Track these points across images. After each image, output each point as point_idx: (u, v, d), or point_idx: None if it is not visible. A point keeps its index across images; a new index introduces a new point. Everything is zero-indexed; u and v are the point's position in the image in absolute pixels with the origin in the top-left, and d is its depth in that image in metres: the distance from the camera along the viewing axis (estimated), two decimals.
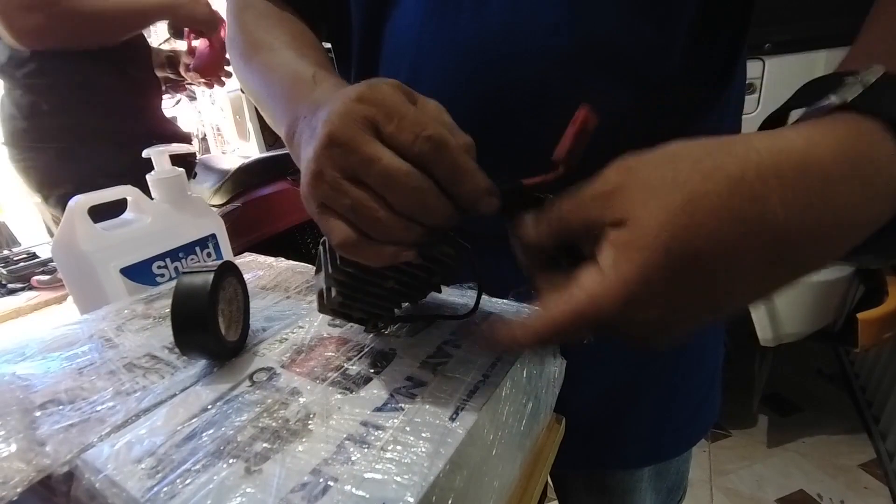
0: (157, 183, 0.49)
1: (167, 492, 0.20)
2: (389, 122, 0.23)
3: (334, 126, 0.23)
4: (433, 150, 0.22)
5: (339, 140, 0.23)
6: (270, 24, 0.40)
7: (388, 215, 0.23)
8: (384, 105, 0.23)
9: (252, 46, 0.39)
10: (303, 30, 0.41)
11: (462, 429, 0.23)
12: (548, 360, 0.34)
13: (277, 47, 0.37)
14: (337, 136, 0.23)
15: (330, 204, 0.24)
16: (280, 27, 0.40)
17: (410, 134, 0.22)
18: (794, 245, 0.19)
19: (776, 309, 1.26)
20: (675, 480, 0.54)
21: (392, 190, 0.23)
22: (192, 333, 0.28)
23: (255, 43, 0.39)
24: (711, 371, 0.51)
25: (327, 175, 0.23)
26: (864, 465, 1.40)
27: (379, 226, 0.23)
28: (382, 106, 0.23)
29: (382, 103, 0.23)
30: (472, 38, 0.35)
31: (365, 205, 0.23)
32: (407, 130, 0.22)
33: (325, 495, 0.20)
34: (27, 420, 0.26)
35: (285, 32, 0.39)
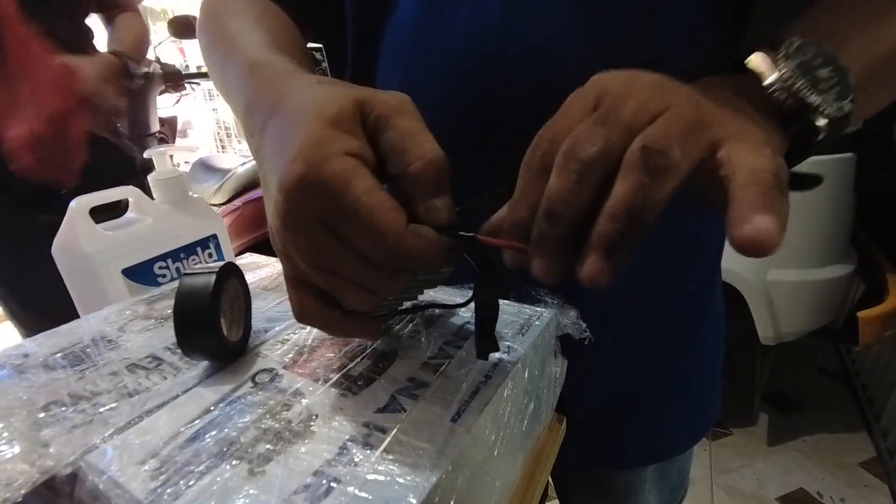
0: (158, 183, 0.49)
1: (171, 493, 0.21)
2: (336, 218, 0.21)
3: (283, 221, 0.22)
4: (382, 253, 0.21)
5: (293, 235, 0.22)
6: (236, 10, 0.38)
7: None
8: (318, 190, 0.20)
9: (214, 37, 0.37)
10: (272, 16, 0.39)
11: (464, 429, 0.23)
12: (549, 359, 0.34)
13: (235, 35, 0.35)
14: (283, 235, 0.22)
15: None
16: (247, 13, 0.38)
17: (363, 234, 0.21)
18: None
19: (777, 307, 1.26)
20: (678, 479, 0.54)
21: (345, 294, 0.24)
22: (195, 335, 0.28)
23: (218, 33, 0.37)
24: (712, 369, 0.51)
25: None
26: (864, 463, 1.40)
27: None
28: (319, 194, 0.20)
29: (315, 188, 0.20)
30: (469, 35, 0.35)
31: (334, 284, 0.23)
32: (360, 230, 0.21)
33: (328, 497, 0.20)
34: (30, 422, 0.26)
35: (250, 17, 0.37)
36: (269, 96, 0.26)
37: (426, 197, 0.22)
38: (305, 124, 0.22)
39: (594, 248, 0.19)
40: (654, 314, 0.44)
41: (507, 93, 0.35)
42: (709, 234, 0.44)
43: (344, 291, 0.24)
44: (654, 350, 0.45)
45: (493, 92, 0.35)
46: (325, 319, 0.26)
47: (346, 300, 0.25)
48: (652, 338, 0.44)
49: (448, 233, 0.22)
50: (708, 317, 0.48)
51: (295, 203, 0.21)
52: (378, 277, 0.22)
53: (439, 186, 0.22)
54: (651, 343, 0.45)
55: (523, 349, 0.30)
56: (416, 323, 0.34)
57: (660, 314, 0.44)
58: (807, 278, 1.24)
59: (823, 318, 1.31)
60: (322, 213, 0.21)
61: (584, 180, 0.19)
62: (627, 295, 0.41)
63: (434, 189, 0.22)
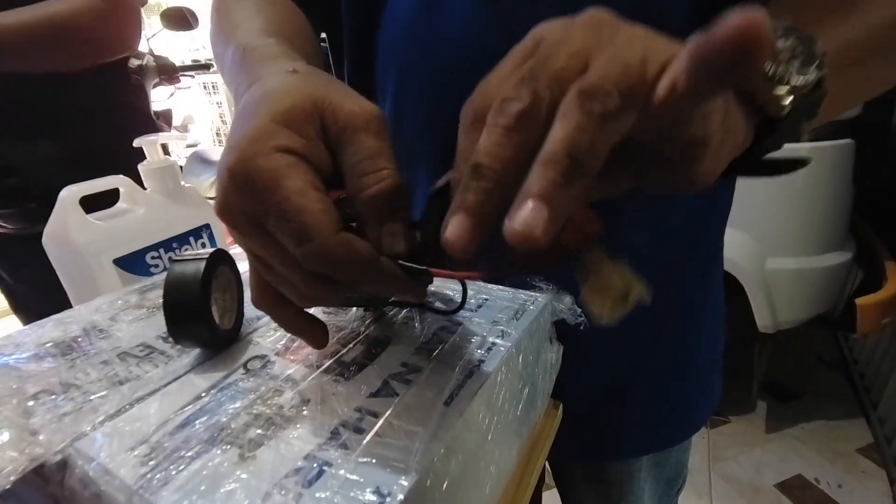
0: (149, 173, 0.49)
1: (160, 478, 0.20)
2: (266, 218, 0.20)
3: (221, 212, 0.22)
4: (313, 261, 0.20)
5: (226, 224, 0.22)
6: (246, 5, 0.38)
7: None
8: (249, 190, 0.20)
9: (221, 29, 0.37)
10: (279, 5, 0.39)
11: (457, 413, 0.23)
12: (545, 345, 0.34)
13: (238, 24, 0.35)
14: (224, 221, 0.22)
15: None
16: (255, 5, 0.37)
17: (290, 240, 0.20)
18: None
19: (775, 295, 1.27)
20: (675, 470, 0.54)
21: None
22: (185, 322, 0.28)
23: (224, 26, 0.36)
24: (710, 362, 0.50)
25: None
26: (861, 449, 1.41)
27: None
28: (249, 193, 0.20)
29: (247, 186, 0.20)
30: (464, 27, 0.35)
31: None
32: (286, 236, 0.20)
33: (319, 480, 0.20)
34: (20, 410, 0.26)
35: (255, 5, 0.37)
36: (247, 81, 0.26)
37: (380, 223, 0.21)
38: (255, 115, 0.21)
39: (528, 193, 0.16)
40: (654, 298, 0.43)
41: None
42: (709, 219, 0.44)
43: (278, 284, 0.23)
44: (652, 338, 0.45)
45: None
46: (276, 313, 0.25)
47: (283, 292, 0.24)
48: (649, 326, 0.44)
49: (399, 264, 0.21)
50: (707, 306, 0.48)
51: (227, 194, 0.21)
52: (305, 281, 0.22)
53: (394, 213, 0.21)
54: (648, 331, 0.44)
55: (518, 334, 0.30)
56: (409, 309, 0.33)
57: (658, 301, 0.44)
58: (805, 266, 1.24)
59: (821, 306, 1.31)
60: (250, 207, 0.20)
61: (513, 135, 0.18)
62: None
63: (388, 215, 0.21)
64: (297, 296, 0.23)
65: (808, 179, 1.18)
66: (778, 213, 1.22)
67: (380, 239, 0.21)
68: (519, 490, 0.31)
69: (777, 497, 1.29)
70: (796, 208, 1.21)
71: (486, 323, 0.31)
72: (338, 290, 0.23)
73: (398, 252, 0.21)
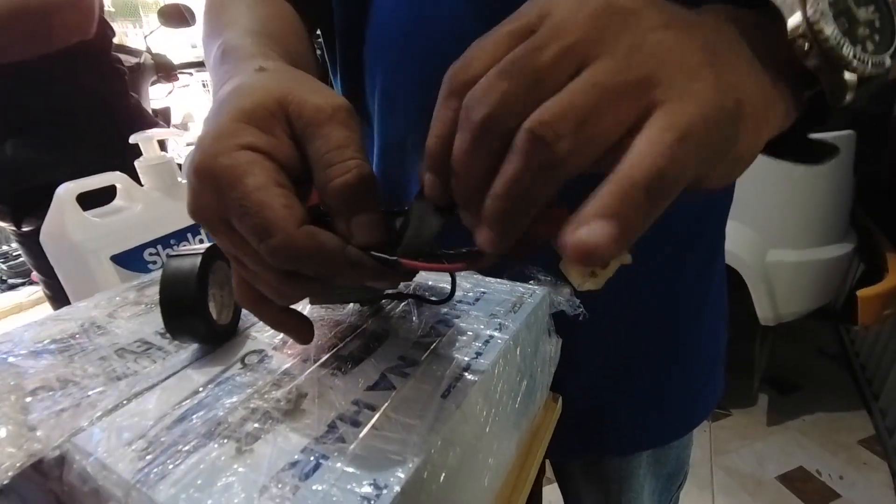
0: (146, 170, 0.49)
1: (157, 472, 0.20)
2: (229, 213, 0.20)
3: (192, 210, 0.22)
4: (278, 256, 0.20)
5: (197, 220, 0.22)
6: (238, 4, 0.37)
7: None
8: (214, 185, 0.20)
9: (210, 28, 0.36)
10: (269, 4, 0.38)
11: (454, 406, 0.23)
12: (543, 338, 0.34)
13: (226, 24, 0.34)
14: (195, 218, 0.22)
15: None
16: (246, 4, 0.37)
17: (252, 236, 0.20)
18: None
19: (776, 288, 1.26)
20: (675, 466, 0.54)
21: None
22: (182, 317, 0.28)
23: (213, 25, 0.36)
24: (711, 359, 0.50)
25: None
26: (863, 441, 1.41)
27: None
28: (213, 189, 0.20)
29: (212, 182, 0.20)
30: (450, 24, 0.35)
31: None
32: (248, 232, 0.20)
33: (316, 472, 0.20)
34: (18, 406, 0.26)
35: (245, 4, 0.36)
36: (222, 80, 0.25)
37: (348, 214, 0.21)
38: (220, 114, 0.21)
39: (483, 218, 0.17)
40: (652, 293, 0.43)
41: None
42: (711, 212, 0.44)
43: (255, 283, 0.23)
44: (652, 332, 0.45)
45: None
46: (258, 310, 0.25)
47: (261, 289, 0.24)
48: (649, 320, 0.44)
49: (368, 254, 0.21)
50: (708, 299, 0.47)
51: (194, 193, 0.21)
52: (277, 278, 0.22)
53: (363, 203, 0.21)
54: (648, 325, 0.44)
55: (515, 327, 0.30)
56: (407, 303, 0.33)
57: (658, 295, 0.44)
58: (806, 258, 1.23)
59: (823, 298, 1.31)
60: (216, 205, 0.20)
61: (479, 145, 0.17)
62: (624, 273, 0.41)
63: (357, 206, 0.21)
64: (273, 292, 0.23)
65: (809, 171, 1.18)
66: (779, 206, 1.21)
67: (348, 229, 0.21)
68: (518, 483, 0.31)
69: (779, 489, 1.29)
70: (797, 200, 1.21)
71: (483, 316, 0.31)
72: (310, 285, 0.22)
73: (368, 242, 0.21)
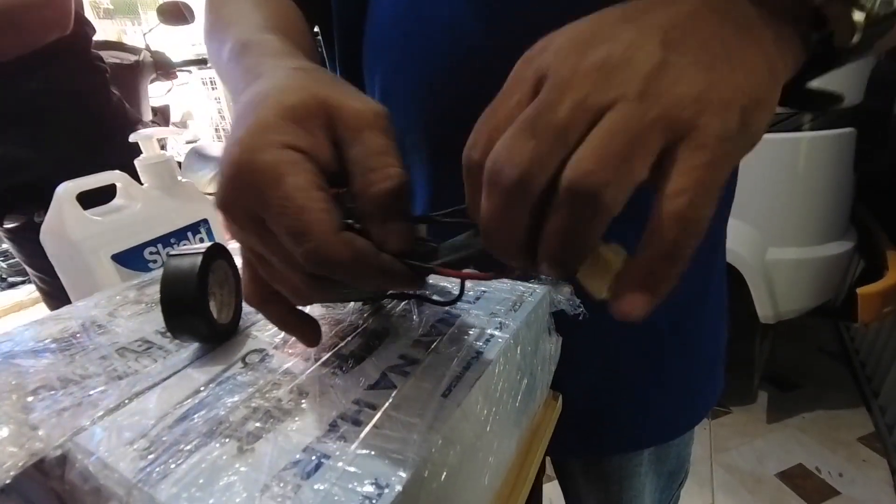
0: (146, 168, 0.49)
1: (159, 472, 0.20)
2: (264, 212, 0.20)
3: (221, 205, 0.21)
4: (312, 262, 0.20)
5: (225, 217, 0.22)
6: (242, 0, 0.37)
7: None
8: (248, 187, 0.20)
9: (212, 25, 0.36)
10: (274, 1, 0.38)
11: (455, 404, 0.23)
12: (543, 336, 0.34)
13: (232, 20, 0.34)
14: (223, 214, 0.22)
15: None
16: (250, 1, 0.37)
17: (287, 239, 0.20)
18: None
19: (776, 286, 1.26)
20: (676, 464, 0.54)
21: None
22: (182, 316, 0.28)
23: (215, 22, 0.36)
24: (711, 357, 0.50)
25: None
26: (862, 438, 1.42)
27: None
28: (248, 190, 0.20)
29: (246, 184, 0.20)
30: (447, 27, 0.35)
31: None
32: (284, 235, 0.20)
33: (317, 472, 0.20)
34: (19, 405, 0.26)
35: (248, 3, 0.36)
36: (251, 74, 0.25)
37: (384, 220, 0.21)
38: (260, 109, 0.21)
39: (542, 262, 0.19)
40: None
41: (486, 84, 0.34)
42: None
43: (274, 281, 0.23)
44: (652, 330, 0.45)
45: (471, 83, 0.34)
46: (268, 310, 0.25)
47: (280, 289, 0.24)
48: (649, 318, 0.44)
49: (403, 261, 0.21)
50: (709, 297, 0.47)
51: (229, 187, 0.21)
52: (304, 280, 0.22)
53: (398, 211, 0.21)
54: (648, 323, 0.44)
55: (516, 325, 0.30)
56: (407, 301, 0.33)
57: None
58: (806, 256, 1.23)
59: (823, 295, 1.31)
60: (251, 202, 0.20)
61: (513, 205, 0.17)
62: None
63: (393, 213, 0.21)
64: (294, 294, 0.23)
65: (809, 169, 1.18)
66: (779, 203, 1.21)
67: (383, 236, 0.21)
68: (519, 481, 0.31)
69: (778, 486, 1.30)
70: (797, 198, 1.21)
71: (484, 314, 0.31)
72: (336, 288, 0.23)
73: (401, 250, 0.21)
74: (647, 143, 0.16)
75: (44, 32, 0.73)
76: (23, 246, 0.87)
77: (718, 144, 0.16)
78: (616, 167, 0.16)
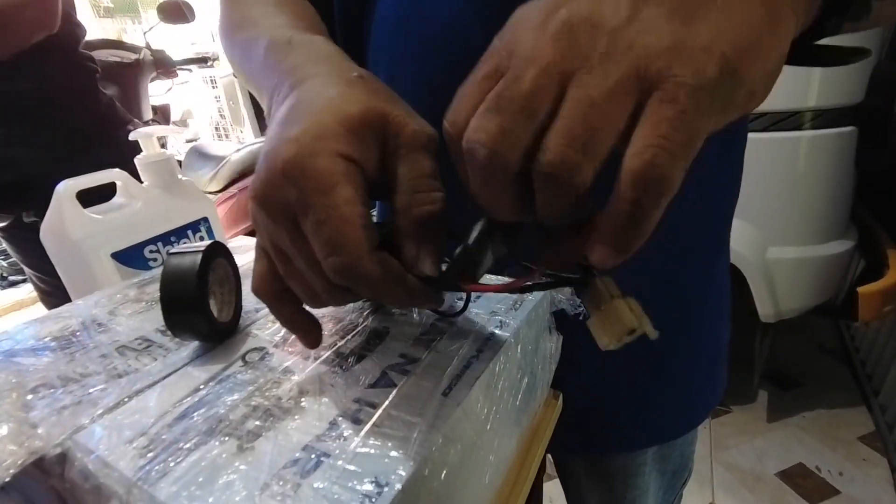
0: (146, 167, 0.49)
1: (159, 470, 0.20)
2: (303, 213, 0.20)
3: (256, 199, 0.22)
4: (339, 275, 0.20)
5: (256, 213, 0.22)
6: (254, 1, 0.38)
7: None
8: (297, 182, 0.20)
9: (235, 22, 0.37)
10: (295, 3, 0.38)
11: (455, 403, 0.23)
12: (544, 335, 0.34)
13: (259, 18, 0.35)
14: (255, 210, 0.22)
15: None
16: (265, 1, 0.37)
17: (320, 246, 0.20)
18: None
19: (776, 285, 1.26)
20: (680, 463, 0.54)
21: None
22: (182, 315, 0.28)
23: (238, 19, 0.37)
24: (713, 355, 0.50)
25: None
26: (863, 437, 1.41)
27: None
28: (294, 186, 0.20)
29: (295, 179, 0.20)
30: (448, 20, 0.35)
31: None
32: (317, 242, 0.20)
33: (317, 470, 0.20)
34: (19, 404, 0.26)
35: (269, 3, 0.37)
36: (298, 73, 0.25)
37: (420, 241, 0.21)
38: (320, 111, 0.21)
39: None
40: (654, 289, 0.43)
41: None
42: (716, 203, 0.43)
43: (290, 280, 0.23)
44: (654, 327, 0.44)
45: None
46: (276, 306, 0.25)
47: (294, 289, 0.24)
48: (652, 316, 0.44)
49: (434, 286, 0.22)
50: (711, 296, 0.47)
51: (272, 182, 0.21)
52: (325, 287, 0.22)
53: (435, 234, 0.22)
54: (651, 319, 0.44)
55: (516, 324, 0.30)
56: None
57: (660, 290, 0.43)
58: (807, 255, 1.23)
59: (823, 294, 1.31)
60: (292, 201, 0.20)
61: (493, 180, 0.17)
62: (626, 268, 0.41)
63: (430, 235, 0.21)
64: (308, 295, 0.23)
65: (810, 168, 1.17)
66: (779, 202, 1.21)
67: (416, 256, 0.21)
68: (519, 479, 0.31)
69: (778, 485, 1.30)
70: (798, 197, 1.21)
71: (484, 313, 0.31)
72: (353, 298, 0.23)
73: (431, 272, 0.21)
74: (614, 110, 0.15)
75: (30, 32, 0.73)
76: (18, 245, 0.87)
77: (689, 96, 0.15)
78: (585, 144, 0.16)
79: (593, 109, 0.15)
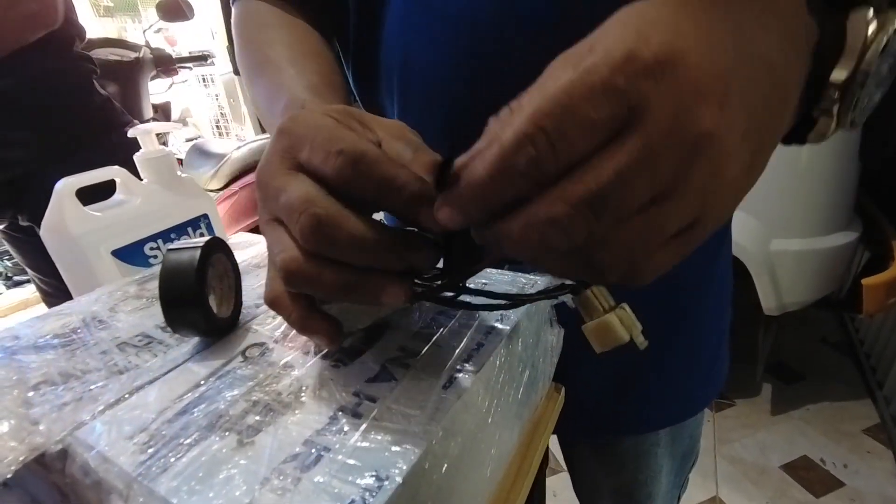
0: (145, 163, 0.48)
1: (159, 465, 0.20)
2: (302, 148, 0.21)
3: (260, 168, 0.22)
4: (348, 164, 0.20)
5: (260, 181, 0.22)
6: (272, 39, 0.38)
7: (299, 260, 0.21)
8: (297, 132, 0.21)
9: (255, 66, 0.37)
10: (303, 36, 0.39)
11: (455, 396, 0.23)
12: (545, 328, 0.34)
13: (277, 65, 0.35)
14: (259, 178, 0.22)
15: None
16: (281, 41, 0.38)
17: (322, 152, 0.20)
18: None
19: (780, 277, 1.26)
20: (689, 444, 0.55)
21: (292, 224, 0.20)
22: (181, 310, 0.27)
23: (258, 62, 0.37)
24: (719, 333, 0.51)
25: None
26: (867, 429, 1.41)
27: (293, 278, 0.21)
28: (295, 134, 0.21)
29: (295, 131, 0.21)
30: (463, 10, 0.34)
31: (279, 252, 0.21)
32: (318, 150, 0.20)
33: (318, 465, 0.20)
34: (20, 400, 0.26)
35: (286, 46, 0.37)
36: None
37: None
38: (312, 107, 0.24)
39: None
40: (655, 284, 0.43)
41: (507, 68, 0.34)
42: None
43: (314, 264, 0.22)
44: (659, 314, 0.44)
45: (492, 67, 0.34)
46: (289, 310, 0.24)
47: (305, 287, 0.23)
48: (655, 302, 0.44)
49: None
50: (715, 280, 0.47)
51: (327, 122, 0.22)
52: (332, 272, 0.21)
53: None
54: (655, 307, 0.44)
55: (517, 317, 0.30)
56: None
57: (662, 284, 0.43)
58: (810, 247, 1.22)
59: (827, 287, 1.30)
60: (333, 149, 0.20)
61: (542, 258, 0.18)
62: None
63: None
64: (314, 282, 0.21)
65: (814, 159, 1.17)
66: (783, 194, 1.20)
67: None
68: (521, 473, 0.31)
69: (783, 478, 1.30)
70: (801, 189, 1.20)
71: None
72: (335, 272, 0.21)
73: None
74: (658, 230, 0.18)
75: (33, 27, 0.72)
76: (19, 248, 0.87)
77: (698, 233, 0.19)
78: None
79: (656, 235, 0.17)
